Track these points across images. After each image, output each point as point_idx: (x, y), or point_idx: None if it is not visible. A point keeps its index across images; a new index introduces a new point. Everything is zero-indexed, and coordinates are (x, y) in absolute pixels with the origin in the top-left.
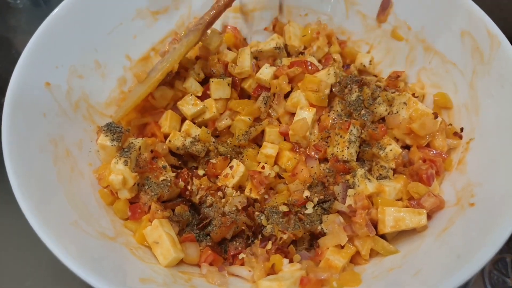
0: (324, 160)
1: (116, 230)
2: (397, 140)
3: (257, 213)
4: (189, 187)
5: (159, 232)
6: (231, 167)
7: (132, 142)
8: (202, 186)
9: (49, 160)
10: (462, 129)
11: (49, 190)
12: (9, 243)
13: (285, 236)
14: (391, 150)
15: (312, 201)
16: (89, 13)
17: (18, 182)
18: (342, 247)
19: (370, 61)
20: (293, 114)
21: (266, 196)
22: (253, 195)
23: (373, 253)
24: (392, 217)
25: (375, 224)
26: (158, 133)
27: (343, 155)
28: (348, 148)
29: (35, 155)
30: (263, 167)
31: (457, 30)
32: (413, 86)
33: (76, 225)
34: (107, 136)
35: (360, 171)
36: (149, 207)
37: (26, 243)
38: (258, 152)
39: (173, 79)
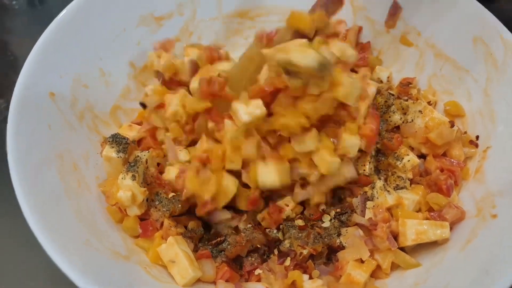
0: None
1: (128, 247)
2: (412, 148)
3: (267, 230)
4: None
5: (175, 250)
6: None
7: (138, 156)
8: None
9: (57, 176)
10: (477, 137)
11: (59, 209)
12: (10, 246)
13: (305, 252)
14: (408, 160)
15: (329, 214)
16: (92, 20)
17: (28, 205)
18: (363, 261)
19: (388, 77)
20: None
21: None
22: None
23: (393, 266)
24: (414, 230)
25: (394, 236)
26: (156, 146)
27: (364, 170)
28: (370, 162)
29: (42, 172)
30: None
31: (469, 36)
32: (425, 93)
33: (88, 245)
34: (113, 147)
35: (379, 183)
36: (161, 224)
37: (27, 245)
38: None
39: None
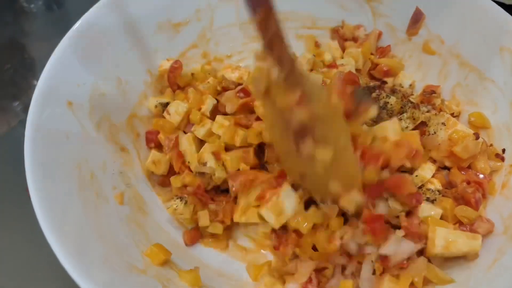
0: None
1: (145, 260)
2: (434, 161)
3: None
4: None
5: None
6: None
7: None
8: None
9: (75, 188)
10: (504, 150)
11: (76, 223)
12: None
13: None
14: (416, 176)
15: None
16: (110, 28)
17: (47, 223)
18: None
19: (410, 84)
20: None
21: None
22: None
23: (424, 281)
24: (443, 238)
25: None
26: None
27: None
28: None
29: (60, 184)
30: None
31: (496, 46)
32: (449, 103)
33: (105, 260)
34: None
35: None
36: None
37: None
38: None
39: None
